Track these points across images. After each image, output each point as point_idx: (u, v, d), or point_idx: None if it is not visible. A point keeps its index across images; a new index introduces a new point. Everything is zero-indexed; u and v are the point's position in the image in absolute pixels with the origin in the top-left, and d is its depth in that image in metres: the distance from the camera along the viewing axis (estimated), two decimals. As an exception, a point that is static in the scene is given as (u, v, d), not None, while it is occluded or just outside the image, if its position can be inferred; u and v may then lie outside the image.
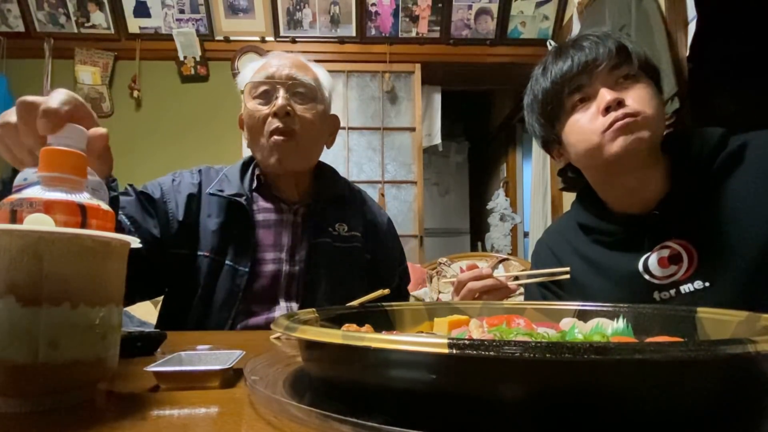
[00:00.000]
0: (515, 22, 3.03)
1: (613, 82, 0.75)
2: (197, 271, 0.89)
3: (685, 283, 0.74)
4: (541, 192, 3.14)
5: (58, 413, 0.33)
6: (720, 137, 0.75)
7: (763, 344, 0.24)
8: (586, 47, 0.76)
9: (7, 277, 0.32)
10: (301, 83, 0.94)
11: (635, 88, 0.75)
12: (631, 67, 0.75)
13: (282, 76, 0.93)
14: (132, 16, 2.94)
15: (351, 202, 1.05)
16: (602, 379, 0.25)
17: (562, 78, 0.78)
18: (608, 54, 0.75)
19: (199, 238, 0.91)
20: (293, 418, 0.30)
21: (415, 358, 0.28)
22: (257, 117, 0.92)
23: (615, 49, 0.75)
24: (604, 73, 0.75)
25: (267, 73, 0.93)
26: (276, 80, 0.92)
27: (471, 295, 0.81)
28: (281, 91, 0.92)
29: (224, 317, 0.87)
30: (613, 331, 0.45)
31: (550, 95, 0.80)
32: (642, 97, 0.74)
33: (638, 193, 0.79)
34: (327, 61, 3.09)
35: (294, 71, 0.94)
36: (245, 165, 1.02)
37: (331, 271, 0.94)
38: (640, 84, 0.75)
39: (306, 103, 0.94)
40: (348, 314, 0.53)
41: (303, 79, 0.94)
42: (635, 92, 0.74)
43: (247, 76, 0.98)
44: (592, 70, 0.75)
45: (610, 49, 0.75)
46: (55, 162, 0.39)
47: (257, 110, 0.92)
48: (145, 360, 0.50)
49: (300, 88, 0.94)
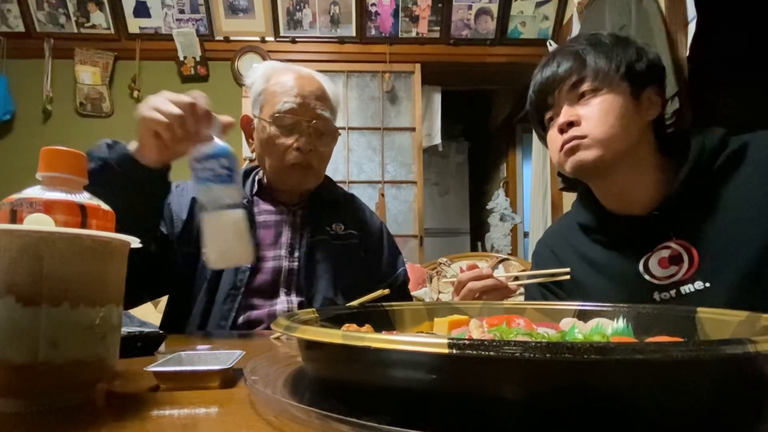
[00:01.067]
0: (515, 22, 3.02)
1: (575, 98, 0.78)
2: (202, 268, 0.93)
3: (686, 284, 0.73)
4: (541, 192, 3.13)
5: (58, 413, 0.33)
6: (721, 137, 0.75)
7: (763, 344, 0.24)
8: (553, 63, 0.80)
9: (7, 277, 0.32)
10: (324, 121, 0.97)
11: (591, 105, 0.76)
12: (592, 82, 0.76)
13: (308, 112, 0.95)
14: (132, 16, 2.94)
15: (345, 205, 1.10)
16: (602, 379, 0.25)
17: (535, 95, 0.83)
18: (567, 71, 0.78)
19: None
20: (293, 418, 0.30)
21: (415, 358, 0.28)
22: (278, 145, 0.95)
23: (574, 66, 0.77)
24: (565, 91, 0.78)
25: (292, 105, 0.94)
26: (301, 116, 0.95)
27: (471, 295, 0.82)
28: (305, 127, 0.95)
29: (227, 310, 0.90)
30: (613, 331, 0.45)
31: (533, 108, 0.85)
32: (595, 114, 0.75)
33: (627, 197, 0.80)
34: (327, 61, 3.09)
35: (318, 106, 0.96)
36: (246, 173, 1.07)
37: (329, 265, 0.98)
38: (599, 98, 0.76)
39: (324, 139, 0.99)
40: (348, 314, 0.53)
41: (325, 114, 0.97)
42: (590, 109, 0.76)
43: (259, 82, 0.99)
44: (555, 88, 0.79)
45: (569, 66, 0.77)
46: (55, 162, 0.39)
47: (279, 138, 0.95)
48: (145, 360, 0.50)
49: (322, 127, 0.98)
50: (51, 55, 2.94)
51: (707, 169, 0.74)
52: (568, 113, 0.77)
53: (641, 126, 0.77)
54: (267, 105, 0.97)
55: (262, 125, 0.97)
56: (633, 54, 0.76)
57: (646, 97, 0.77)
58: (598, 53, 0.76)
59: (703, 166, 0.74)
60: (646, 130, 0.78)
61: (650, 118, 0.78)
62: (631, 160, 0.77)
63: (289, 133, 0.95)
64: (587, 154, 0.76)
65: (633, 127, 0.76)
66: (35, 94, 2.93)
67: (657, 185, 0.78)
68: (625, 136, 0.75)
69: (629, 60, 0.75)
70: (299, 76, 0.98)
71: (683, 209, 0.74)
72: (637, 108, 0.76)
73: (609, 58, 0.76)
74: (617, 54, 0.76)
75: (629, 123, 0.75)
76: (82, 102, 2.95)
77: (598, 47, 0.77)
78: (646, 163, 0.78)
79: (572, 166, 0.78)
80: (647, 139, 0.78)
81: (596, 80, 0.76)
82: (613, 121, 0.74)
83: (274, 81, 0.98)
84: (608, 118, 0.74)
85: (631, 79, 0.75)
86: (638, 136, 0.76)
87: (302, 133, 0.95)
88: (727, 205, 0.72)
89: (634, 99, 0.76)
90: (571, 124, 0.77)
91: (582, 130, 0.76)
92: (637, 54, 0.76)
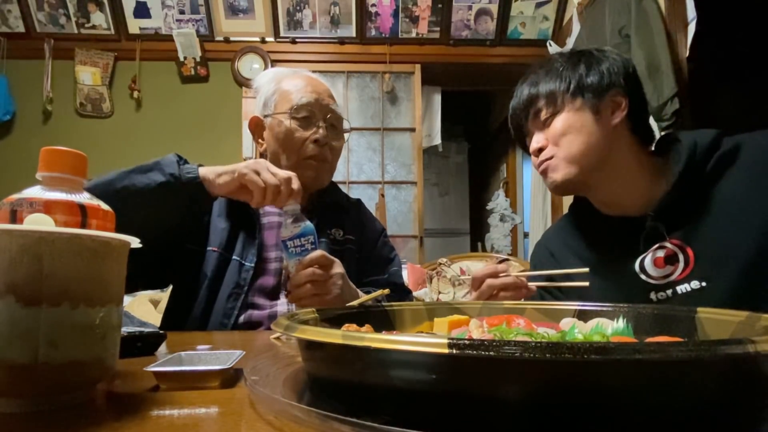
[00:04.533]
0: (515, 22, 3.03)
1: (541, 124, 0.82)
2: (206, 265, 0.94)
3: (682, 284, 0.74)
4: (541, 192, 3.13)
5: (58, 413, 0.33)
6: (713, 138, 0.75)
7: (763, 344, 0.24)
8: (517, 94, 0.86)
9: (7, 277, 0.32)
10: (336, 117, 1.04)
11: (553, 127, 0.80)
12: (547, 108, 0.80)
13: (323, 106, 1.01)
14: (132, 16, 2.94)
15: (348, 210, 1.12)
16: (602, 379, 0.25)
17: (511, 123, 0.89)
18: (526, 103, 0.83)
19: (209, 234, 0.97)
20: (293, 418, 0.30)
21: (415, 358, 0.28)
22: (296, 138, 0.99)
23: (532, 96, 0.82)
24: (531, 120, 0.84)
25: (310, 100, 1.00)
26: (317, 110, 1.01)
27: (490, 292, 0.80)
28: (321, 122, 1.01)
29: (230, 308, 0.91)
30: (613, 331, 0.45)
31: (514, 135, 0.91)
32: (557, 136, 0.79)
33: (617, 201, 0.81)
34: (327, 62, 3.09)
35: (331, 103, 1.03)
36: None
37: None
38: (558, 120, 0.79)
39: (337, 134, 1.05)
40: (348, 314, 0.53)
41: (336, 110, 1.04)
42: (553, 132, 0.80)
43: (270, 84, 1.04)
44: (523, 118, 0.85)
45: (527, 98, 0.82)
46: (55, 162, 0.39)
47: (297, 131, 0.99)
48: (145, 360, 0.50)
49: (334, 121, 1.04)
50: (51, 56, 2.94)
51: (700, 170, 0.75)
52: (536, 140, 0.83)
53: (608, 133, 0.78)
54: (282, 102, 1.01)
55: (278, 121, 1.00)
56: (582, 69, 0.79)
57: (608, 104, 0.78)
58: (548, 80, 0.81)
59: (695, 166, 0.74)
60: (617, 134, 0.79)
61: (617, 120, 0.78)
62: (610, 168, 0.78)
63: (307, 126, 1.00)
64: (556, 175, 0.80)
65: (598, 138, 0.77)
66: (35, 94, 2.93)
67: (649, 186, 0.78)
68: (590, 148, 0.77)
69: (578, 78, 0.78)
70: (310, 78, 1.06)
71: (678, 209, 0.75)
72: (598, 118, 0.78)
73: (558, 82, 0.79)
74: (566, 75, 0.79)
75: (592, 135, 0.77)
76: (82, 102, 2.95)
77: (550, 73, 0.81)
78: (628, 168, 0.79)
79: (549, 186, 0.84)
80: (623, 142, 0.79)
81: (550, 106, 0.80)
82: (573, 137, 0.78)
83: (286, 82, 1.04)
84: (568, 136, 0.78)
85: (583, 93, 0.78)
86: (607, 143, 0.78)
87: (319, 126, 1.00)
88: (722, 205, 0.73)
89: (594, 110, 0.77)
90: (541, 150, 0.82)
91: (548, 152, 0.81)
92: (586, 68, 0.79)
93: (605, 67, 0.78)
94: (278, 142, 1.00)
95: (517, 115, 0.86)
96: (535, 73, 0.84)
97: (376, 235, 1.13)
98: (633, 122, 0.79)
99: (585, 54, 0.81)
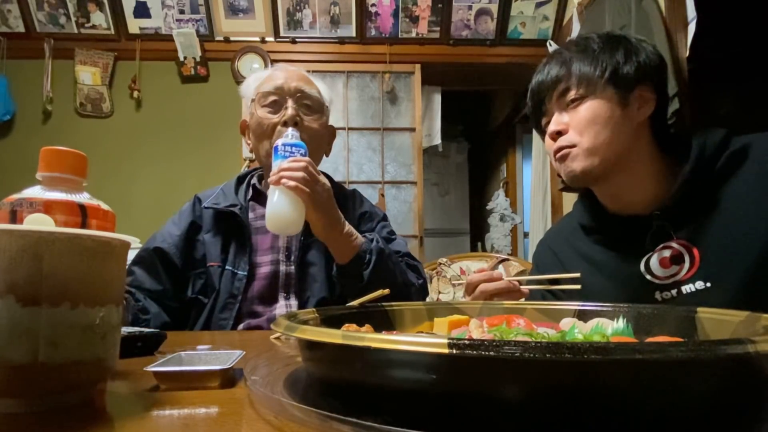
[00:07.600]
0: (515, 22, 3.02)
1: (564, 105, 0.79)
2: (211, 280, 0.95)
3: (687, 284, 0.73)
4: (541, 192, 3.13)
5: (58, 413, 0.33)
6: (722, 138, 0.75)
7: (763, 344, 0.24)
8: (544, 70, 0.81)
9: (7, 277, 0.32)
10: (308, 96, 1.00)
11: (578, 113, 0.77)
12: (577, 90, 0.77)
13: (291, 87, 0.98)
14: (132, 16, 2.93)
15: (344, 202, 1.08)
16: (602, 379, 0.25)
17: (530, 101, 0.84)
18: (554, 80, 0.79)
19: (206, 252, 0.97)
20: (293, 418, 0.30)
21: (415, 358, 0.28)
22: (266, 125, 0.97)
23: (561, 74, 0.78)
24: (554, 99, 0.79)
25: (276, 84, 0.98)
26: (285, 91, 0.98)
27: (483, 297, 0.81)
28: (290, 101, 0.97)
29: (225, 319, 0.91)
30: (613, 331, 0.45)
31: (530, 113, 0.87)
32: (581, 123, 0.76)
33: (626, 198, 0.80)
34: (327, 62, 3.09)
35: (301, 84, 1.00)
36: (240, 179, 1.09)
37: (321, 266, 0.98)
38: (585, 106, 0.76)
39: (312, 114, 1.00)
40: (348, 314, 0.53)
41: (310, 91, 1.00)
42: (577, 118, 0.77)
43: (251, 85, 1.04)
44: (546, 95, 0.80)
45: (556, 74, 0.78)
46: (55, 162, 0.39)
47: (266, 118, 0.97)
48: (145, 360, 0.50)
49: (307, 101, 1.00)
50: (51, 56, 2.94)
51: (709, 169, 0.74)
52: (556, 121, 0.79)
53: (632, 129, 0.76)
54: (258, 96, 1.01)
55: (251, 114, 1.00)
56: (620, 57, 0.76)
57: (636, 98, 0.76)
58: (583, 60, 0.77)
59: (704, 166, 0.74)
60: (640, 131, 0.77)
61: (642, 118, 0.77)
62: (626, 163, 0.77)
63: (275, 111, 0.98)
64: (575, 164, 0.77)
65: (622, 132, 0.75)
66: (35, 94, 2.93)
67: (657, 185, 0.78)
68: (613, 142, 0.75)
69: (615, 64, 0.75)
70: (280, 66, 1.05)
71: (684, 209, 0.74)
72: (625, 112, 0.75)
73: (594, 65, 0.76)
74: (602, 60, 0.76)
75: (617, 129, 0.75)
76: (82, 102, 2.95)
77: (584, 53, 0.77)
78: (643, 165, 0.78)
79: (565, 174, 0.80)
80: (643, 140, 0.78)
81: (581, 88, 0.76)
82: (600, 128, 0.75)
83: (260, 78, 1.03)
84: (594, 126, 0.75)
85: (616, 83, 0.75)
86: (630, 139, 0.76)
87: (287, 107, 0.96)
88: (729, 206, 0.72)
89: (622, 103, 0.75)
90: (560, 133, 0.78)
91: (570, 138, 0.77)
92: (625, 56, 0.76)
93: (642, 59, 0.76)
94: (254, 134, 1.00)
95: (541, 91, 0.81)
96: (567, 49, 0.80)
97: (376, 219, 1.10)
98: (655, 121, 0.78)
99: (623, 40, 0.78)
